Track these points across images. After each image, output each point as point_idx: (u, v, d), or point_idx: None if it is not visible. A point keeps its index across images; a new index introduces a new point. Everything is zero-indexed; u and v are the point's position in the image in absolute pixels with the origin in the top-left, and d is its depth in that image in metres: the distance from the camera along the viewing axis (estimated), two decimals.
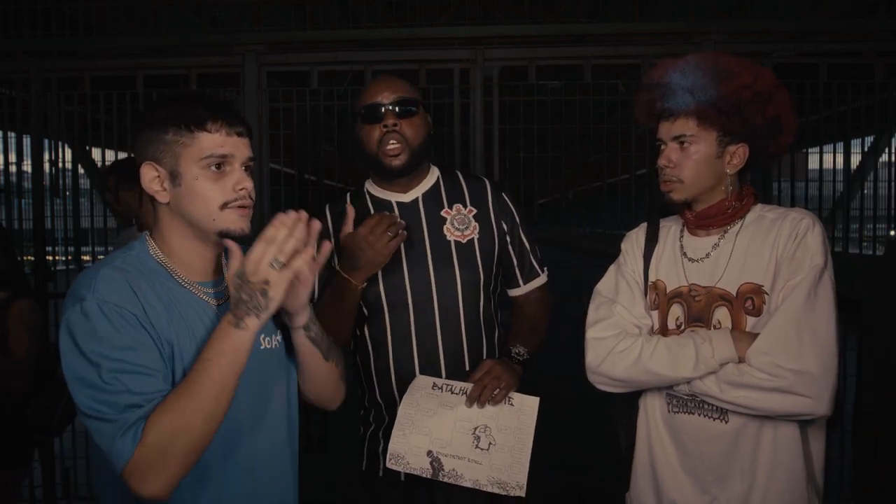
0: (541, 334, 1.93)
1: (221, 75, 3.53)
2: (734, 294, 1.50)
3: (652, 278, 1.62)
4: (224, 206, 1.25)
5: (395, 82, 1.82)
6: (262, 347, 1.37)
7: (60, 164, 3.73)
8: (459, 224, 1.85)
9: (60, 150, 3.72)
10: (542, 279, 1.96)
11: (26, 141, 3.70)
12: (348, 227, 1.76)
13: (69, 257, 4.10)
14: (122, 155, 3.58)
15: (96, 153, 4.34)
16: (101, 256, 3.88)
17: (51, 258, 3.73)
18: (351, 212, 1.78)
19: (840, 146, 3.74)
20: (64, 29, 3.43)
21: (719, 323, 1.50)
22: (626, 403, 1.65)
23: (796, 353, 1.38)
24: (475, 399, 1.72)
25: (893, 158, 3.78)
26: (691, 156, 1.50)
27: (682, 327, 1.55)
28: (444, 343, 1.81)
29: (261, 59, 3.35)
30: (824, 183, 3.49)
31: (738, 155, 1.52)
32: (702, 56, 1.52)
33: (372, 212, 1.85)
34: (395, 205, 1.87)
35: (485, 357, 1.85)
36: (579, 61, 3.35)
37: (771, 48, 3.33)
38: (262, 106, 3.36)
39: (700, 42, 3.19)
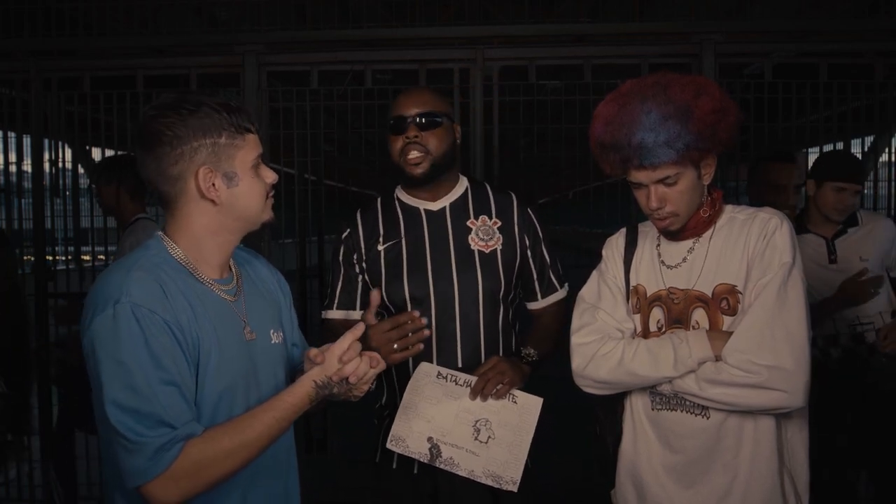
0: (552, 342, 1.98)
1: (221, 75, 3.53)
2: (710, 295, 1.56)
3: (633, 283, 1.67)
4: (266, 198, 1.35)
5: (420, 96, 1.89)
6: (272, 342, 1.42)
7: (60, 164, 3.74)
8: (484, 235, 1.91)
9: (60, 150, 3.72)
10: (560, 294, 2.01)
11: (26, 141, 3.70)
12: (369, 315, 1.72)
13: (69, 257, 4.10)
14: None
15: (96, 153, 4.35)
16: (102, 257, 3.89)
17: (51, 258, 3.73)
18: (375, 300, 1.74)
19: (840, 146, 3.75)
20: (64, 29, 3.43)
21: (697, 324, 1.56)
22: (611, 403, 1.69)
23: (769, 349, 1.43)
24: (478, 392, 1.77)
25: (893, 158, 3.79)
26: (681, 191, 1.53)
27: (663, 329, 1.61)
28: (463, 347, 1.86)
29: (261, 59, 3.35)
30: None
31: (710, 166, 1.56)
32: (650, 94, 1.48)
33: (401, 217, 1.93)
34: (423, 212, 1.93)
35: None
36: (579, 61, 3.34)
37: (771, 48, 3.32)
38: (262, 106, 3.36)
39: (700, 42, 3.19)
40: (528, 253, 1.95)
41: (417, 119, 1.85)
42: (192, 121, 1.25)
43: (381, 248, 1.91)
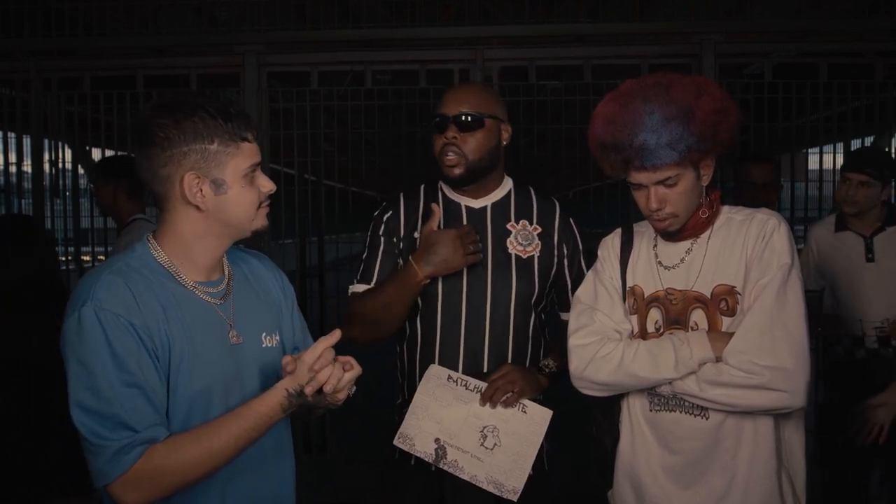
0: None
1: (221, 75, 3.53)
2: (709, 296, 1.55)
3: (629, 283, 1.66)
4: (258, 207, 1.34)
5: (463, 94, 1.86)
6: (263, 346, 1.40)
7: (60, 164, 3.74)
8: (523, 240, 1.88)
9: (60, 150, 3.72)
10: None
11: (26, 141, 3.71)
12: (433, 224, 1.81)
13: (69, 257, 4.10)
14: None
15: (96, 153, 4.35)
16: (102, 257, 3.90)
17: None
18: (438, 211, 1.83)
19: (840, 146, 3.75)
20: (64, 29, 3.43)
21: (696, 325, 1.56)
22: (609, 404, 1.69)
23: (770, 350, 1.43)
24: (487, 399, 1.77)
25: (894, 158, 3.79)
26: (680, 192, 1.52)
27: (661, 330, 1.60)
28: (491, 349, 1.84)
29: (261, 59, 3.35)
30: (824, 183, 3.49)
31: (709, 167, 1.56)
32: (652, 94, 1.48)
33: (441, 211, 1.91)
34: (464, 209, 1.90)
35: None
36: (579, 61, 3.35)
37: (771, 48, 3.33)
38: (263, 106, 3.36)
39: (700, 42, 3.19)
40: (565, 262, 1.92)
41: (457, 119, 1.81)
42: (185, 125, 1.25)
43: (417, 235, 1.88)
